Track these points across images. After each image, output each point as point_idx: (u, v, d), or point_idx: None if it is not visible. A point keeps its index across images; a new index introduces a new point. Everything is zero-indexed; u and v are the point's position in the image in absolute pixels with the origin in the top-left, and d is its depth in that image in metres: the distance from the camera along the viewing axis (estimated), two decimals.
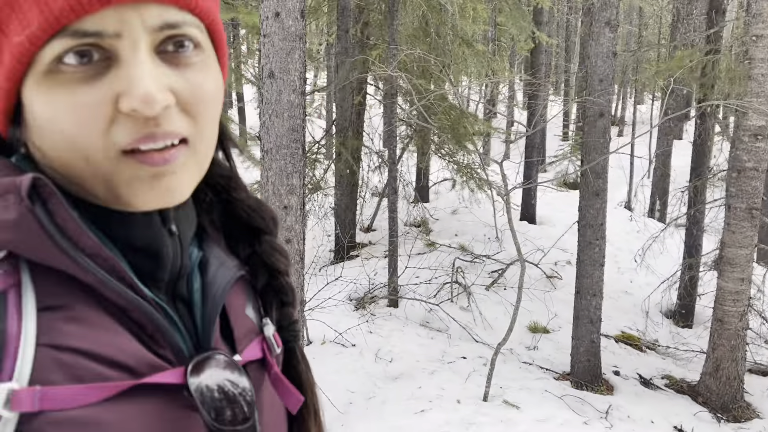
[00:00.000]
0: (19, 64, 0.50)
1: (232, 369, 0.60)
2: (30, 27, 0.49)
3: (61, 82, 0.50)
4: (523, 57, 17.38)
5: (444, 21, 7.93)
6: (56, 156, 0.53)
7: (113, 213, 0.56)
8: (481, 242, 8.72)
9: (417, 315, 6.82)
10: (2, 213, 0.50)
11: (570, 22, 19.55)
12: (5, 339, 0.49)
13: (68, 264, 0.52)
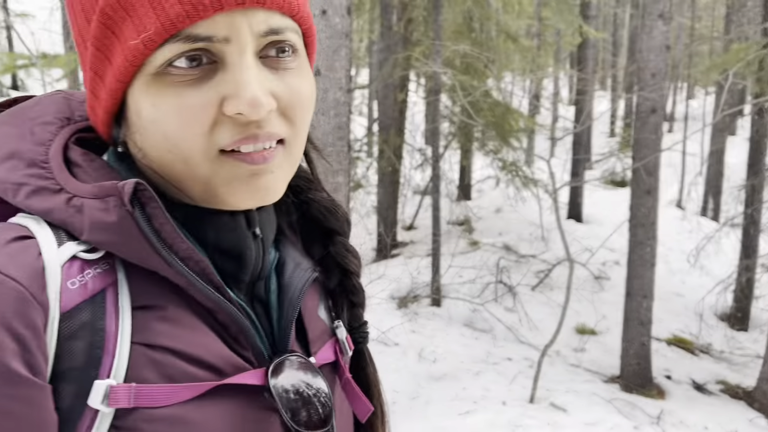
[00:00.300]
0: (131, 66, 0.52)
1: (306, 371, 0.61)
2: (146, 31, 0.50)
3: (170, 84, 0.52)
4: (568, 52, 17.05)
5: (488, 16, 7.81)
6: (157, 156, 0.55)
7: (203, 215, 0.58)
8: (526, 241, 8.57)
9: (461, 315, 6.74)
10: (103, 215, 0.53)
11: (617, 16, 19.10)
12: (105, 337, 0.51)
13: (162, 266, 0.54)
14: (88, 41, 0.55)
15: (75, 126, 0.61)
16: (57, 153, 0.57)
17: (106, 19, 0.52)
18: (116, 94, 0.54)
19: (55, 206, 0.54)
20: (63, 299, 0.51)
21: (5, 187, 0.56)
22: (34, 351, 0.48)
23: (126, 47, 0.52)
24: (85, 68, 0.57)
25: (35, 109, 0.61)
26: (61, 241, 0.53)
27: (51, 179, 0.55)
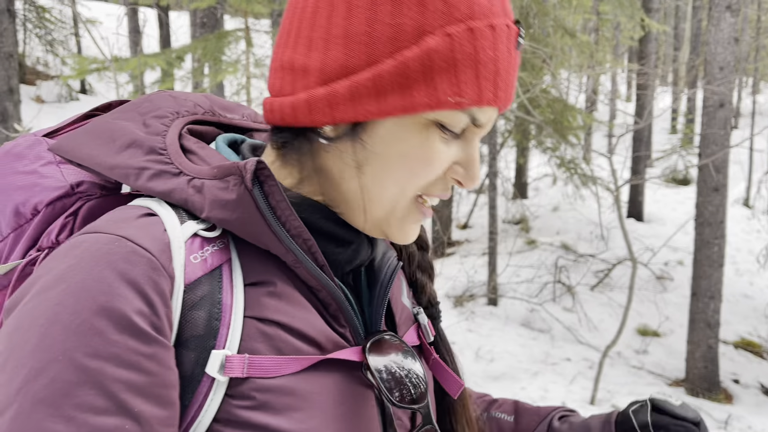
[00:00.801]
0: (429, 109, 0.57)
1: (399, 351, 0.64)
2: (460, 96, 0.56)
3: (435, 135, 0.59)
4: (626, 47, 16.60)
5: (545, 12, 7.67)
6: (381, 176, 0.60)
7: (323, 208, 0.63)
8: (585, 240, 8.40)
9: (518, 314, 6.66)
10: (223, 193, 0.56)
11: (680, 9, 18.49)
12: (222, 309, 0.55)
13: (273, 242, 0.58)
14: (388, 56, 0.56)
15: (185, 119, 0.66)
16: (173, 141, 0.62)
17: (428, 60, 0.55)
18: (386, 114, 0.57)
19: (176, 186, 0.58)
20: (187, 272, 0.55)
21: (127, 172, 0.59)
22: (161, 315, 0.51)
23: (434, 94, 0.56)
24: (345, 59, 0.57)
25: (144, 105, 0.66)
26: (182, 220, 0.57)
27: (170, 163, 0.59)
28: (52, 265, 0.53)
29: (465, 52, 0.56)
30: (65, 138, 0.64)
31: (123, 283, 0.50)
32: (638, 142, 9.49)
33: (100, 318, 0.48)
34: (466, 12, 0.56)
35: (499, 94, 0.58)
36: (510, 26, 0.59)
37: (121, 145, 0.61)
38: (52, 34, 11.04)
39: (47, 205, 0.62)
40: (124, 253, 0.52)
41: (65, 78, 5.34)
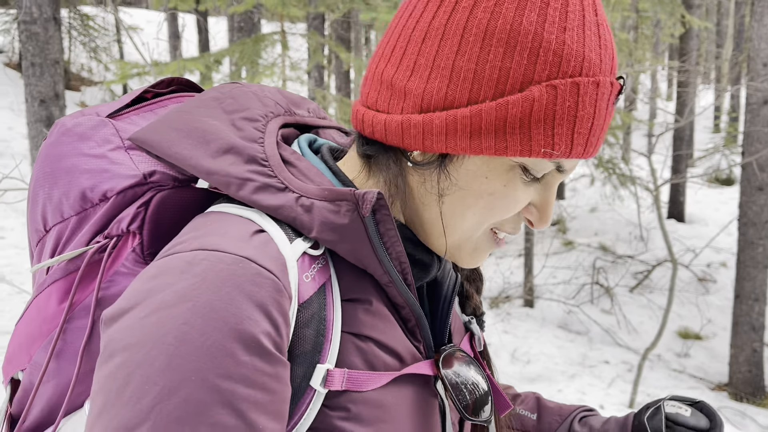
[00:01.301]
0: (519, 154, 0.58)
1: (462, 363, 0.66)
2: (551, 148, 0.57)
3: (518, 176, 0.60)
4: (667, 45, 16.25)
5: None
6: (460, 208, 0.62)
7: (405, 228, 0.65)
8: (623, 241, 8.26)
9: (555, 316, 6.58)
10: (334, 217, 0.57)
11: (722, 4, 18.02)
12: (326, 325, 0.56)
13: (374, 264, 0.59)
14: (489, 98, 0.56)
15: (275, 122, 0.65)
16: (274, 151, 0.61)
17: (529, 108, 0.56)
18: (476, 152, 0.58)
19: (285, 203, 0.58)
20: (300, 291, 0.56)
21: (228, 180, 0.58)
22: (283, 335, 0.53)
23: (527, 142, 0.57)
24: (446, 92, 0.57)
25: (228, 102, 0.64)
26: (290, 238, 0.57)
27: (275, 177, 0.59)
28: (169, 280, 0.51)
29: (566, 107, 0.56)
30: (148, 131, 0.62)
31: (252, 305, 0.50)
32: (679, 141, 9.28)
33: (231, 340, 0.49)
34: (576, 68, 0.56)
35: (589, 149, 0.59)
36: (613, 83, 0.59)
37: (217, 150, 0.60)
38: (95, 41, 11.35)
39: (118, 192, 0.61)
40: (250, 275, 0.51)
41: (108, 83, 5.49)
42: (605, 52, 0.58)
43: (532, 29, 0.56)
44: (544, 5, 0.56)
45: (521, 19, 0.56)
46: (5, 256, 5.72)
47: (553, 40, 0.56)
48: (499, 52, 0.56)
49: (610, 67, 0.59)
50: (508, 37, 0.56)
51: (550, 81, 0.56)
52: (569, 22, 0.56)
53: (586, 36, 0.57)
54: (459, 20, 0.57)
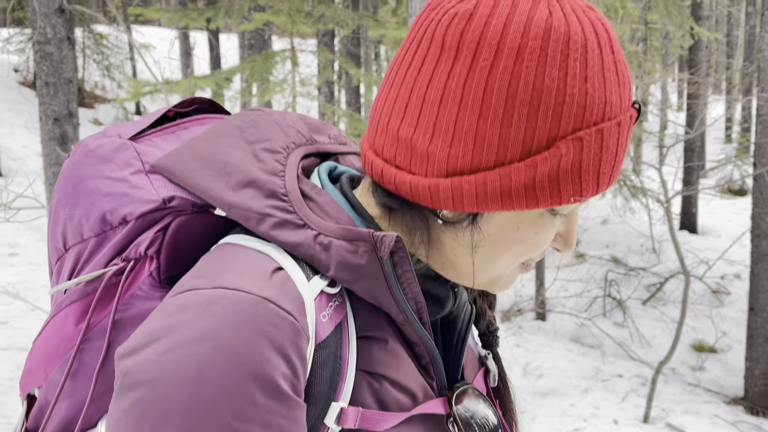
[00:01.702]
0: (547, 205, 0.58)
1: (479, 400, 0.67)
2: (580, 196, 0.58)
3: (546, 220, 0.61)
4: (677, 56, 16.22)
5: None
6: (493, 257, 0.62)
7: (418, 264, 0.65)
8: (635, 254, 8.21)
9: (567, 329, 6.54)
10: (352, 257, 0.57)
11: (732, 15, 17.97)
12: (342, 364, 0.57)
13: (390, 304, 0.59)
14: (517, 159, 0.56)
15: (296, 154, 0.65)
16: (294, 186, 0.61)
17: (557, 164, 0.56)
18: (509, 209, 0.58)
19: (303, 241, 0.57)
20: (318, 331, 0.56)
21: (248, 215, 0.59)
22: (300, 378, 0.53)
23: (557, 194, 0.57)
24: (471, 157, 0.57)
25: (250, 131, 0.64)
26: (308, 276, 0.57)
27: (294, 213, 0.59)
28: (189, 318, 0.51)
29: (591, 154, 0.56)
30: (171, 159, 0.63)
31: (271, 348, 0.51)
32: (690, 152, 9.25)
33: (250, 383, 0.49)
34: (599, 114, 0.56)
35: (612, 180, 0.59)
36: (632, 116, 0.59)
37: (238, 183, 0.60)
38: (109, 60, 11.50)
39: (138, 217, 0.62)
40: (270, 317, 0.52)
41: (121, 101, 5.57)
42: (624, 90, 0.58)
43: (554, 86, 0.55)
44: (564, 58, 0.55)
45: (543, 77, 0.54)
46: (19, 273, 5.77)
47: (576, 93, 0.55)
48: (523, 113, 0.55)
49: (629, 99, 0.59)
50: (531, 98, 0.55)
51: (575, 134, 0.55)
52: (590, 70, 0.56)
53: (606, 79, 0.57)
54: (478, 83, 0.55)
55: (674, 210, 9.04)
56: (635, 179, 7.59)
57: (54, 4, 5.05)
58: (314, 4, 5.65)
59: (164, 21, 5.54)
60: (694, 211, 9.26)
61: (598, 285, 7.23)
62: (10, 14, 9.60)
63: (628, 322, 6.67)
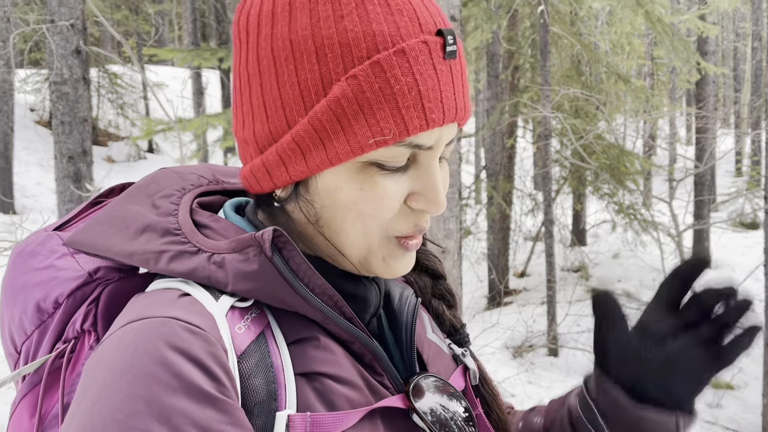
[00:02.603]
0: (352, 155, 0.56)
1: (443, 393, 0.65)
2: (381, 135, 0.55)
3: (377, 174, 0.58)
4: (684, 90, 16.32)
5: (597, 59, 7.68)
6: (335, 224, 0.60)
7: (327, 265, 0.64)
8: (648, 288, 8.12)
9: (580, 365, 6.44)
10: (245, 266, 0.57)
11: (738, 50, 18.11)
12: (275, 371, 0.55)
13: (300, 304, 0.58)
14: (296, 117, 0.57)
15: (192, 193, 0.67)
16: (186, 219, 0.62)
17: (337, 108, 0.55)
18: (317, 170, 0.58)
19: (198, 265, 0.58)
20: (236, 343, 0.55)
21: (146, 257, 0.59)
22: (226, 385, 0.51)
23: (354, 140, 0.55)
24: (268, 134, 0.59)
25: (151, 186, 0.67)
26: (215, 296, 0.57)
27: (188, 243, 0.60)
28: (105, 363, 0.51)
29: (374, 90, 0.54)
30: (79, 231, 0.64)
31: (186, 361, 0.50)
32: (700, 186, 9.23)
33: (180, 398, 0.48)
34: (368, 46, 0.55)
35: (431, 116, 0.55)
36: (427, 41, 0.56)
37: (136, 231, 0.61)
38: (122, 98, 11.72)
39: (68, 296, 0.63)
40: (179, 333, 0.51)
41: (134, 139, 5.66)
42: (400, 17, 0.55)
43: (308, 34, 0.55)
44: (313, 5, 0.55)
45: (296, 29, 0.55)
46: None
47: (333, 33, 0.55)
48: (290, 69, 0.56)
49: (417, 26, 0.56)
50: (291, 52, 0.56)
51: (347, 73, 0.54)
52: (344, 8, 0.55)
53: (369, 12, 0.55)
54: (251, 58, 0.58)
55: (686, 244, 8.98)
56: (645, 213, 7.57)
57: (71, 46, 5.19)
58: None
59: (178, 61, 5.67)
60: (707, 244, 9.20)
61: None
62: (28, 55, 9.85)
63: None
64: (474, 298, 8.39)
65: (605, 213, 9.04)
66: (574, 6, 7.09)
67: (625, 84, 7.96)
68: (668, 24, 7.18)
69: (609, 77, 7.79)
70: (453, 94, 0.57)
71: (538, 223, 9.04)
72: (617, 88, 7.97)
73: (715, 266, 7.96)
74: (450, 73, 0.57)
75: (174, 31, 20.73)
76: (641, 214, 7.61)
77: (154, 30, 10.67)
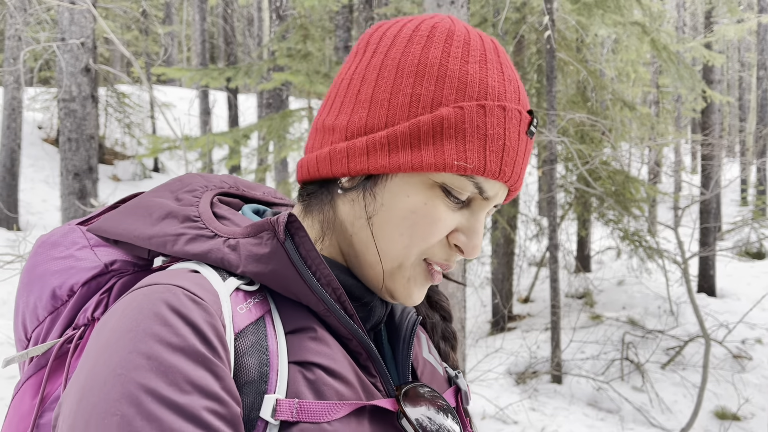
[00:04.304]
0: (433, 169, 0.62)
1: (429, 405, 0.66)
2: (465, 161, 0.61)
3: (442, 198, 0.63)
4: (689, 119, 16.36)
5: (603, 86, 7.71)
6: (378, 229, 0.64)
7: (341, 267, 0.67)
8: (653, 316, 8.05)
9: (584, 393, 6.36)
10: (257, 248, 0.61)
11: (743, 80, 18.19)
12: (269, 355, 0.58)
13: (305, 291, 0.61)
14: (399, 117, 0.63)
15: (213, 191, 0.72)
16: (206, 209, 0.67)
17: (439, 125, 0.61)
18: (393, 169, 0.63)
19: (213, 247, 0.62)
20: (235, 321, 0.58)
21: (165, 239, 0.63)
22: (221, 354, 0.54)
23: (441, 156, 0.62)
24: (366, 120, 0.64)
25: (175, 184, 0.71)
26: (223, 277, 0.61)
27: (205, 228, 0.64)
28: (113, 323, 0.54)
29: (474, 124, 0.61)
30: (103, 219, 0.69)
31: (185, 324, 0.53)
32: (706, 214, 9.19)
33: (176, 356, 0.51)
34: (480, 92, 0.62)
35: (504, 168, 0.62)
36: (522, 112, 0.64)
37: (158, 217, 0.65)
38: (130, 117, 11.81)
39: (83, 284, 0.65)
40: (182, 299, 0.55)
41: (140, 157, 5.68)
42: (509, 85, 0.64)
43: (437, 62, 0.63)
44: (448, 44, 0.64)
45: (427, 54, 0.63)
46: None
47: (457, 69, 0.63)
48: (409, 82, 0.63)
49: (517, 97, 0.64)
50: (416, 69, 0.63)
51: (457, 103, 0.62)
52: (471, 56, 0.64)
53: (488, 69, 0.64)
54: (376, 62, 0.65)
55: (692, 272, 8.92)
56: (651, 240, 7.53)
57: (80, 64, 5.23)
58: (331, 65, 5.80)
59: (185, 80, 5.70)
60: (712, 273, 9.13)
61: (615, 347, 7.07)
62: (38, 74, 9.95)
63: (647, 387, 6.48)
64: (477, 323, 8.32)
65: (610, 239, 9.00)
66: (581, 33, 7.14)
67: (630, 111, 7.98)
68: (674, 52, 7.22)
69: (615, 104, 7.82)
70: (522, 164, 0.64)
71: (542, 249, 9.00)
72: (623, 114, 7.99)
73: (720, 295, 7.94)
74: (525, 147, 0.65)
75: (183, 52, 20.96)
76: (646, 240, 7.58)
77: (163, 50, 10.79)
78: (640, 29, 6.76)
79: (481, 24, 7.19)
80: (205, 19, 11.00)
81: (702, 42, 8.50)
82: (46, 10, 6.84)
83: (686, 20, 15.18)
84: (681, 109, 14.43)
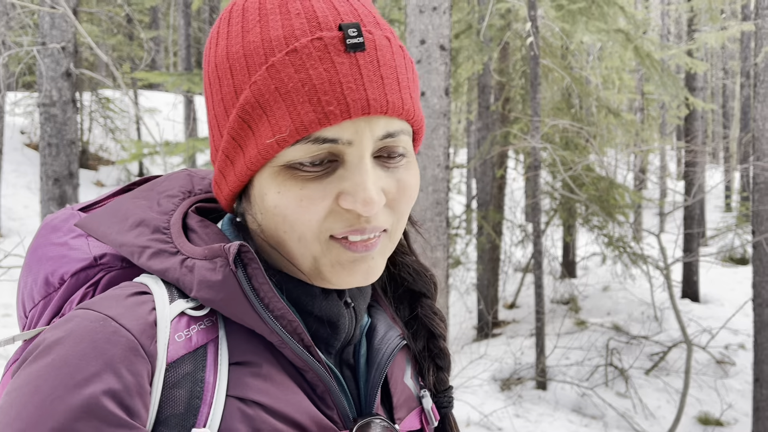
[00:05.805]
0: (263, 158, 0.58)
1: None
2: (280, 132, 0.56)
3: (295, 177, 0.58)
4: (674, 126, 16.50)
5: (588, 92, 7.75)
6: (274, 233, 0.61)
7: (300, 284, 0.63)
8: (637, 322, 8.08)
9: (568, 399, 6.35)
10: (210, 274, 0.58)
11: (726, 87, 18.38)
12: (204, 388, 0.55)
13: (258, 323, 0.58)
14: (224, 130, 0.61)
15: (195, 198, 0.70)
16: (177, 220, 0.65)
17: (245, 114, 0.58)
18: (244, 178, 0.61)
19: (170, 266, 0.60)
20: (170, 351, 0.56)
21: (132, 249, 0.63)
22: (133, 395, 0.52)
23: (260, 143, 0.58)
24: (215, 150, 0.64)
25: (164, 184, 0.71)
26: (172, 298, 0.59)
27: (170, 243, 0.62)
28: (48, 334, 0.55)
29: (271, 90, 0.56)
30: (90, 216, 0.69)
31: (101, 362, 0.52)
32: (690, 220, 9.26)
33: (73, 397, 0.50)
34: (265, 53, 0.57)
35: (329, 108, 0.55)
36: (323, 37, 0.56)
37: (132, 224, 0.65)
38: (114, 123, 11.72)
39: (72, 275, 0.65)
40: (107, 333, 0.53)
41: (122, 161, 5.63)
42: (297, 20, 0.57)
43: (224, 53, 0.60)
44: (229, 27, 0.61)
45: (216, 52, 0.62)
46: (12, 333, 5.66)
47: (240, 48, 0.59)
48: (216, 89, 0.61)
49: (314, 25, 0.57)
50: (216, 73, 0.61)
51: (251, 81, 0.58)
52: (249, 23, 0.59)
53: (270, 21, 0.58)
54: (205, 84, 0.65)
55: (676, 278, 8.97)
56: (635, 246, 7.57)
57: (61, 68, 5.18)
58: None
59: (168, 85, 5.67)
60: (696, 279, 9.19)
61: (600, 353, 7.08)
62: (21, 78, 9.87)
63: (630, 393, 6.49)
64: (462, 329, 8.31)
65: (595, 245, 9.03)
66: (565, 40, 7.17)
67: (615, 117, 8.02)
68: (657, 59, 7.27)
69: (599, 111, 7.86)
70: (362, 85, 0.56)
71: (527, 255, 9.01)
72: (608, 121, 8.04)
73: (704, 301, 7.99)
74: (356, 66, 0.56)
75: (169, 58, 20.87)
76: (631, 247, 7.61)
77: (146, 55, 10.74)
78: (624, 37, 6.81)
79: (466, 30, 7.21)
80: (189, 24, 10.96)
81: (684, 49, 8.57)
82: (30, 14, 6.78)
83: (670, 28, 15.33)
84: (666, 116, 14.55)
